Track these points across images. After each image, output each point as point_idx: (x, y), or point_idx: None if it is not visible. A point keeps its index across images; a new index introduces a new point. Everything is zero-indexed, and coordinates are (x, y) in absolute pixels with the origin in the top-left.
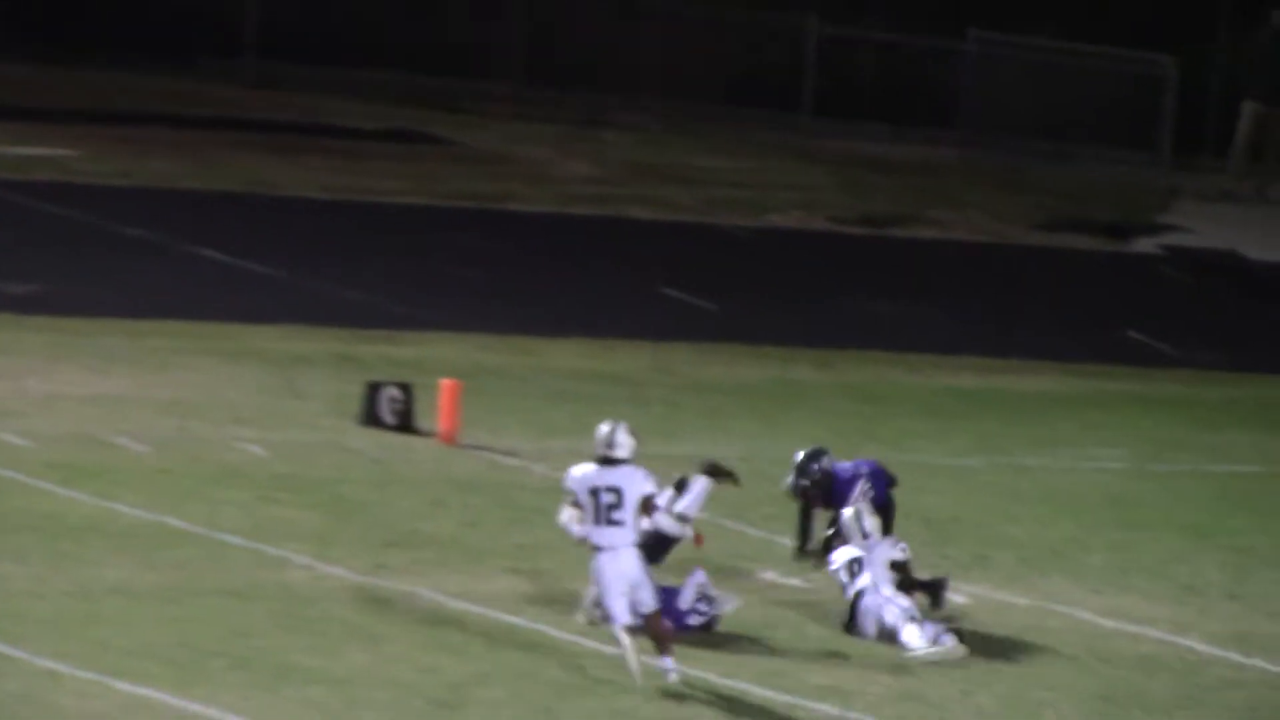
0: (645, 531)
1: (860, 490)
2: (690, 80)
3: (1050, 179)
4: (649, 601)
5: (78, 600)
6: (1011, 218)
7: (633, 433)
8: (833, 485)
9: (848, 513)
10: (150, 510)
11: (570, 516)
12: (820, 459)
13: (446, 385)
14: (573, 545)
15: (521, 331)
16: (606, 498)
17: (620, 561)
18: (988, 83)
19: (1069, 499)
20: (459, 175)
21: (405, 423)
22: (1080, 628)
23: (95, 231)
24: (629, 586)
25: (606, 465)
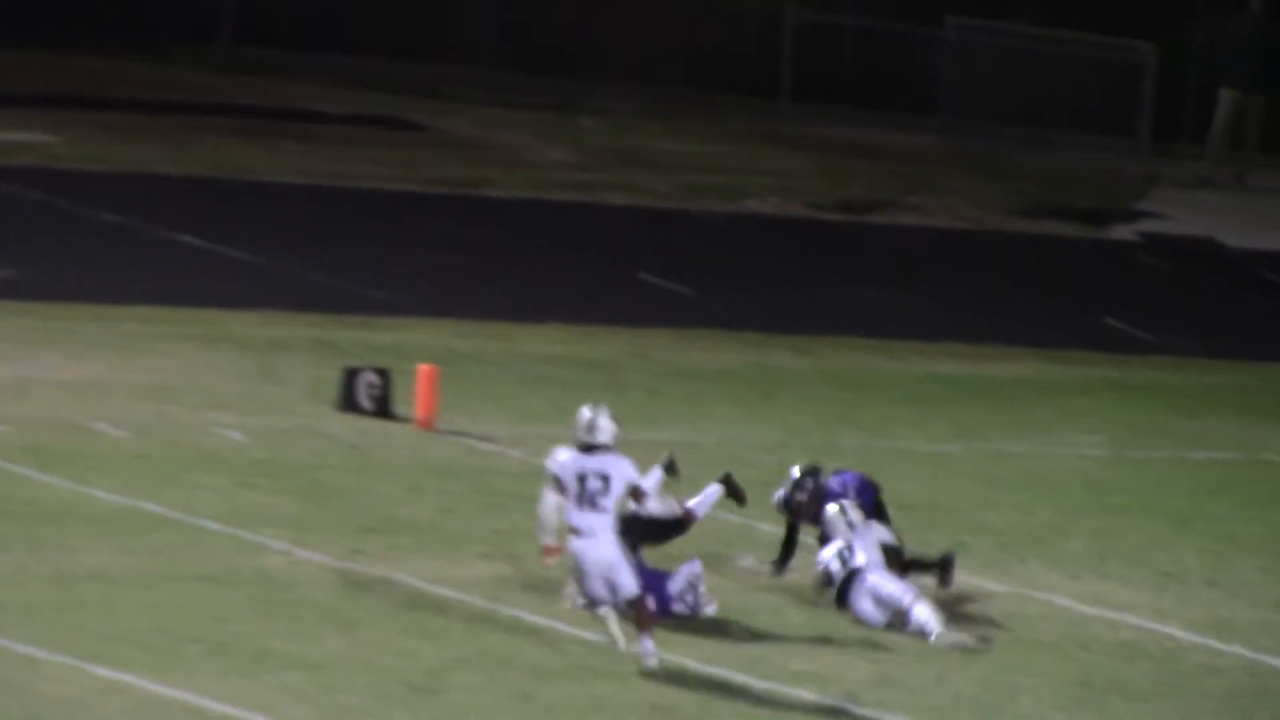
0: (649, 517)
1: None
2: (668, 66)
3: (1029, 165)
4: (629, 586)
5: (55, 586)
6: (990, 204)
7: (614, 418)
8: (823, 501)
9: (832, 508)
10: (128, 495)
11: (554, 503)
12: (816, 475)
13: (424, 371)
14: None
15: (499, 317)
16: (594, 484)
17: (599, 547)
18: (966, 69)
19: (1048, 485)
20: (436, 161)
21: (383, 408)
22: (1059, 614)
23: (71, 217)
24: (608, 571)
25: (588, 451)
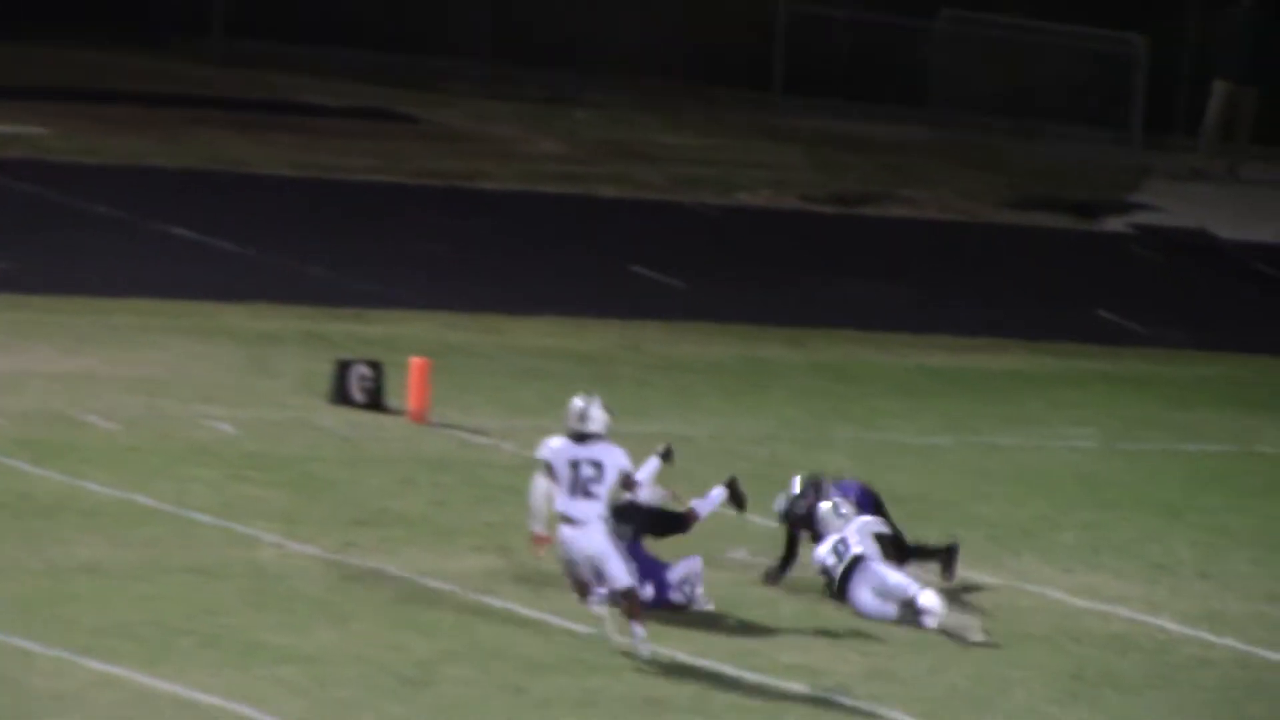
0: (650, 509)
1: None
2: (660, 59)
3: (1021, 158)
4: (618, 576)
5: (47, 579)
6: (982, 196)
7: (606, 408)
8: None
9: (825, 506)
10: (119, 488)
11: (543, 489)
12: (818, 487)
13: (416, 363)
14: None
15: (491, 310)
16: (587, 471)
17: (589, 535)
18: (958, 61)
19: (1039, 478)
20: (428, 153)
21: (374, 401)
22: (1051, 607)
23: (63, 209)
24: (596, 561)
25: (580, 439)
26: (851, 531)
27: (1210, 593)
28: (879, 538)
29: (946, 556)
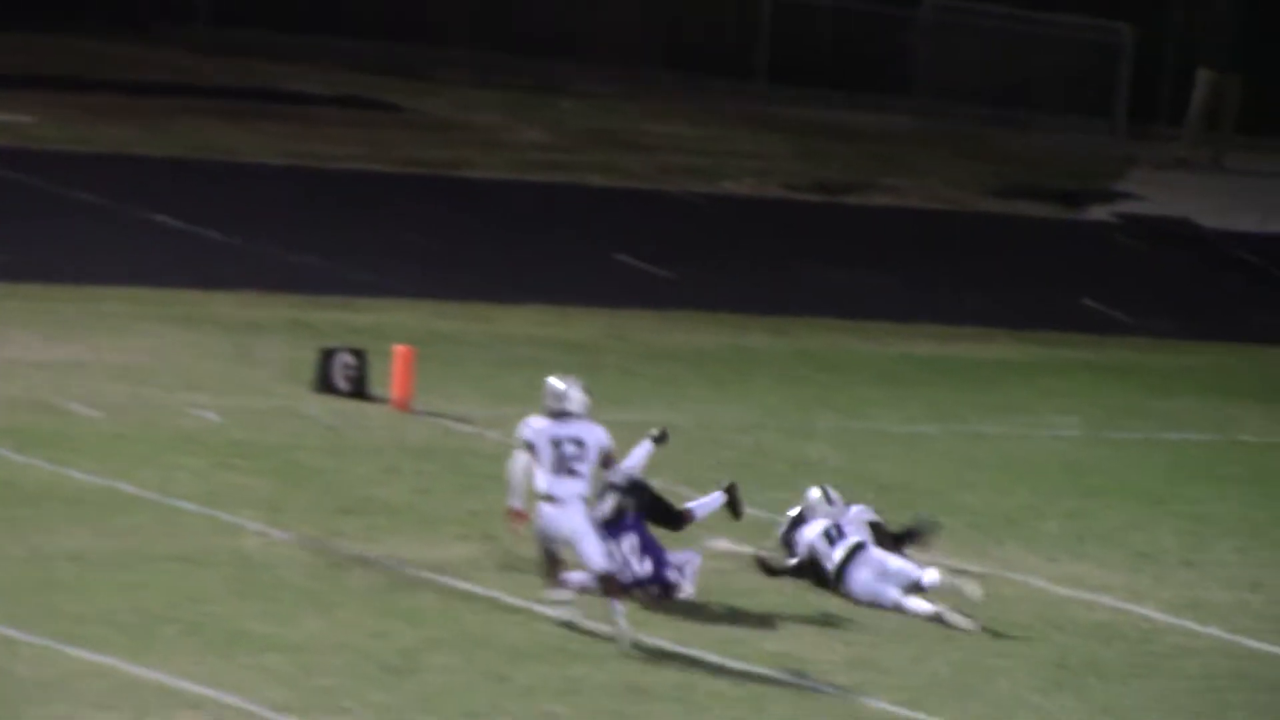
0: (657, 498)
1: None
2: (645, 47)
3: (1005, 146)
4: (594, 558)
5: (32, 566)
6: (967, 185)
7: (585, 389)
8: None
9: (814, 492)
10: (104, 476)
11: (523, 464)
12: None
13: (400, 351)
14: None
15: (476, 298)
16: (569, 448)
17: (569, 515)
18: (943, 50)
19: (1024, 466)
20: (414, 142)
21: (359, 389)
22: (1035, 595)
23: (49, 197)
24: (574, 539)
25: (560, 418)
26: (846, 519)
27: (1194, 581)
28: (872, 526)
29: (919, 532)
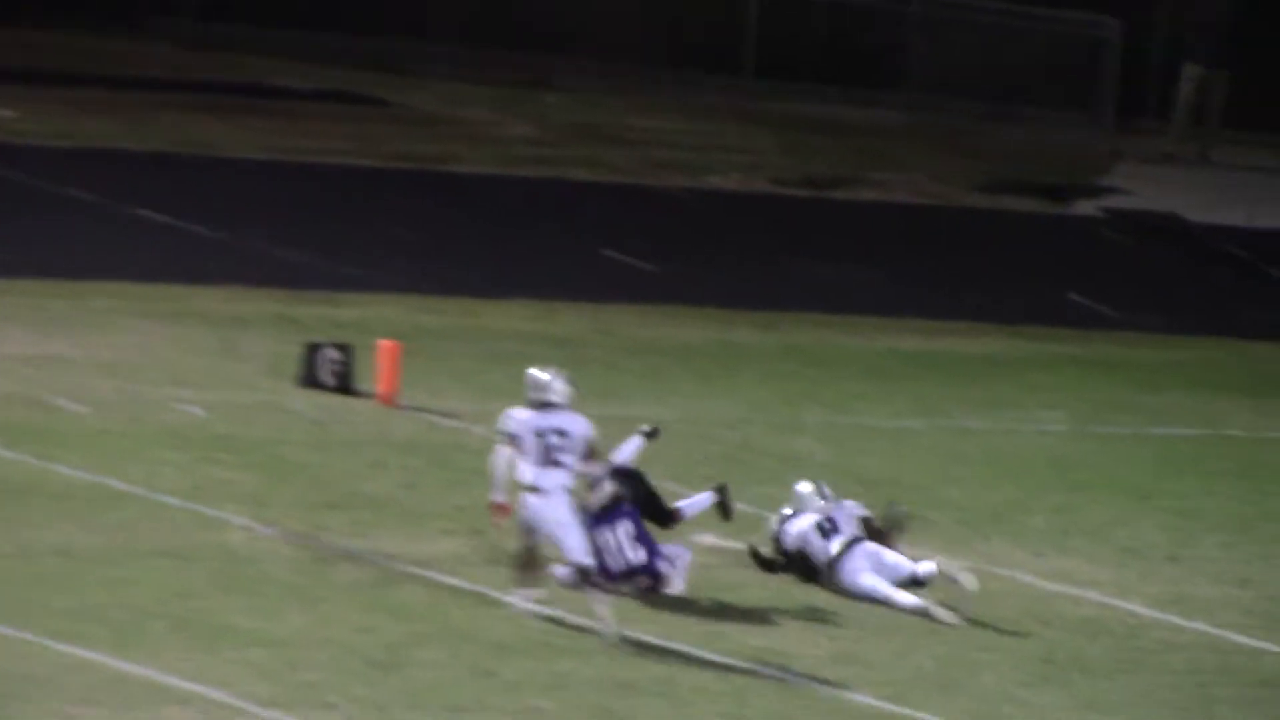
0: (652, 492)
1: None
2: (632, 41)
3: (993, 141)
4: (576, 550)
5: (18, 561)
6: (954, 180)
7: (568, 380)
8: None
9: (805, 486)
10: (90, 471)
11: (506, 458)
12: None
13: (385, 346)
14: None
15: (462, 293)
16: (553, 439)
17: (554, 505)
18: (930, 45)
19: (1010, 461)
20: (400, 136)
21: (344, 384)
22: (1021, 590)
23: (35, 192)
24: (557, 530)
25: (543, 408)
26: (839, 514)
27: (1180, 576)
28: (863, 521)
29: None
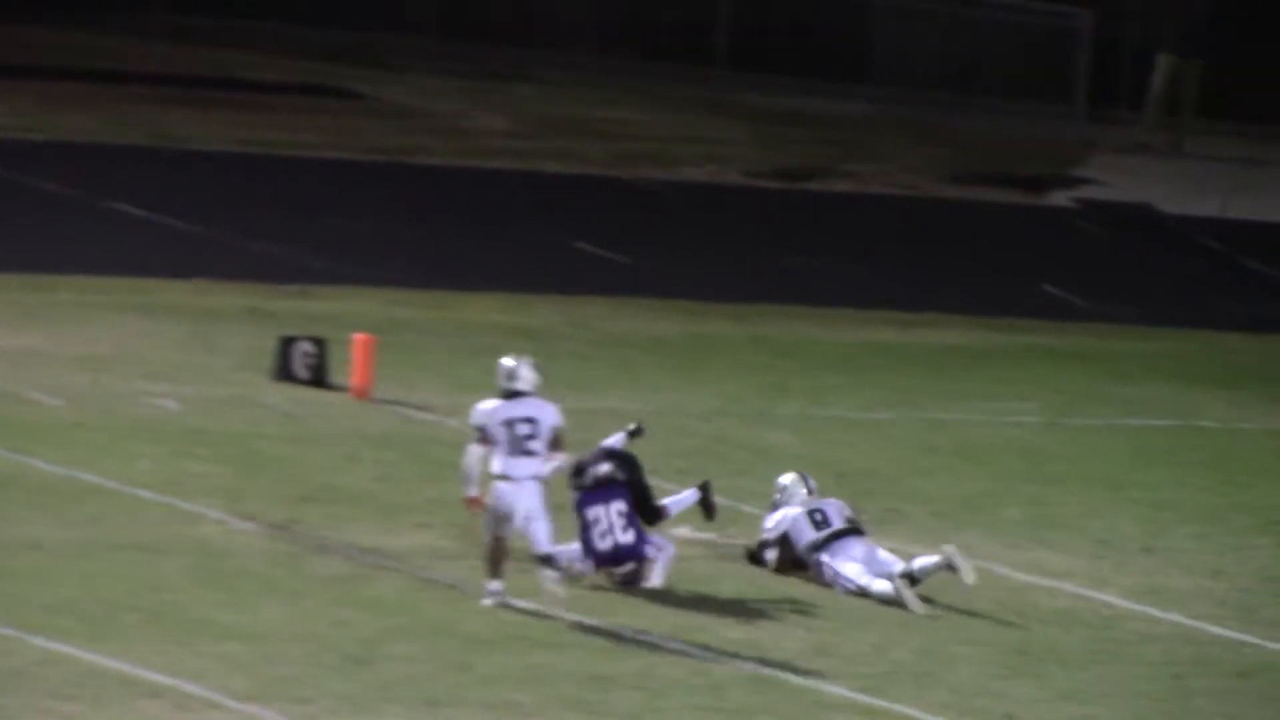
0: (645, 484)
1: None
2: (603, 34)
3: (965, 132)
4: (542, 540)
5: None
6: (926, 171)
7: (536, 367)
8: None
9: (790, 477)
10: (64, 465)
11: (478, 455)
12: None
13: (359, 340)
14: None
15: (435, 286)
16: (522, 428)
17: (526, 492)
18: (902, 35)
19: (984, 453)
20: (372, 129)
21: (318, 377)
22: (996, 582)
23: (8, 186)
24: (527, 518)
25: (511, 398)
26: (829, 507)
27: (1154, 568)
28: (849, 520)
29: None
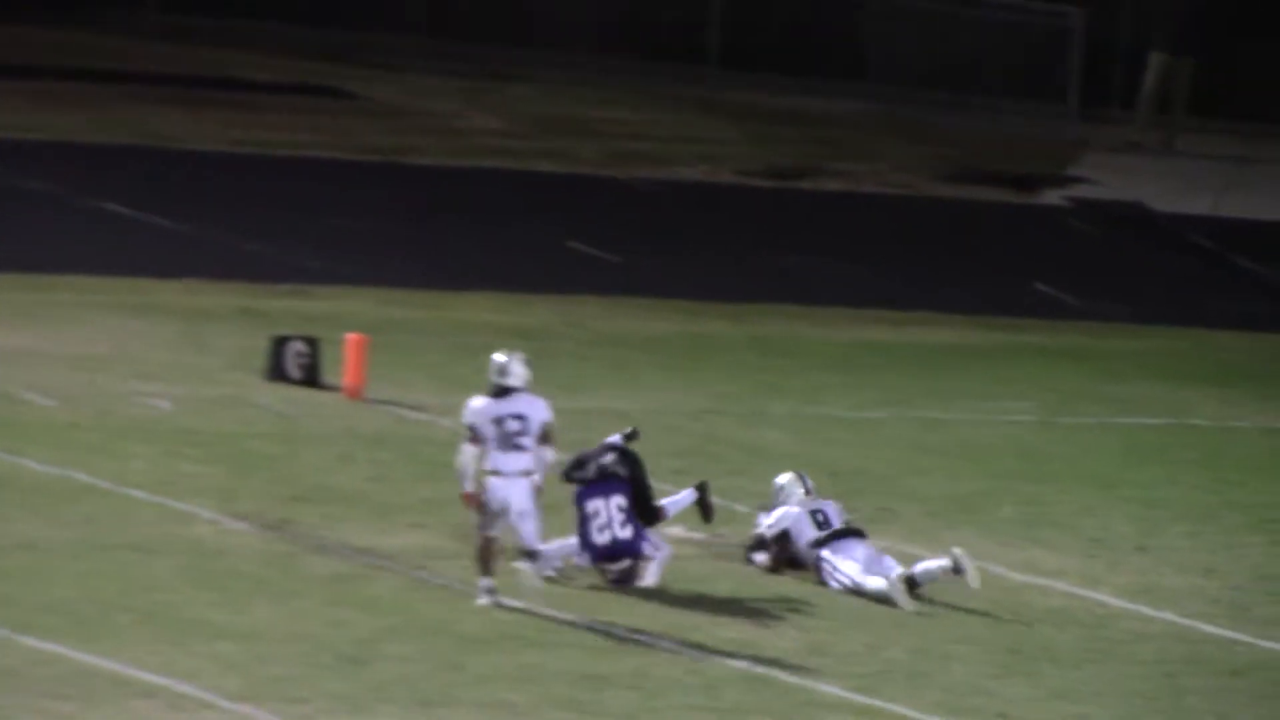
0: (647, 483)
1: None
2: (595, 33)
3: (958, 131)
4: (530, 537)
5: None
6: (919, 170)
7: (526, 362)
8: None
9: (788, 476)
10: (57, 465)
11: (471, 454)
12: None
13: (352, 340)
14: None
15: (428, 286)
16: (512, 425)
17: (517, 488)
18: (894, 35)
19: (977, 452)
20: (365, 129)
21: (311, 377)
22: (989, 581)
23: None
24: (518, 515)
25: (503, 395)
26: (829, 508)
27: (1147, 566)
28: (847, 522)
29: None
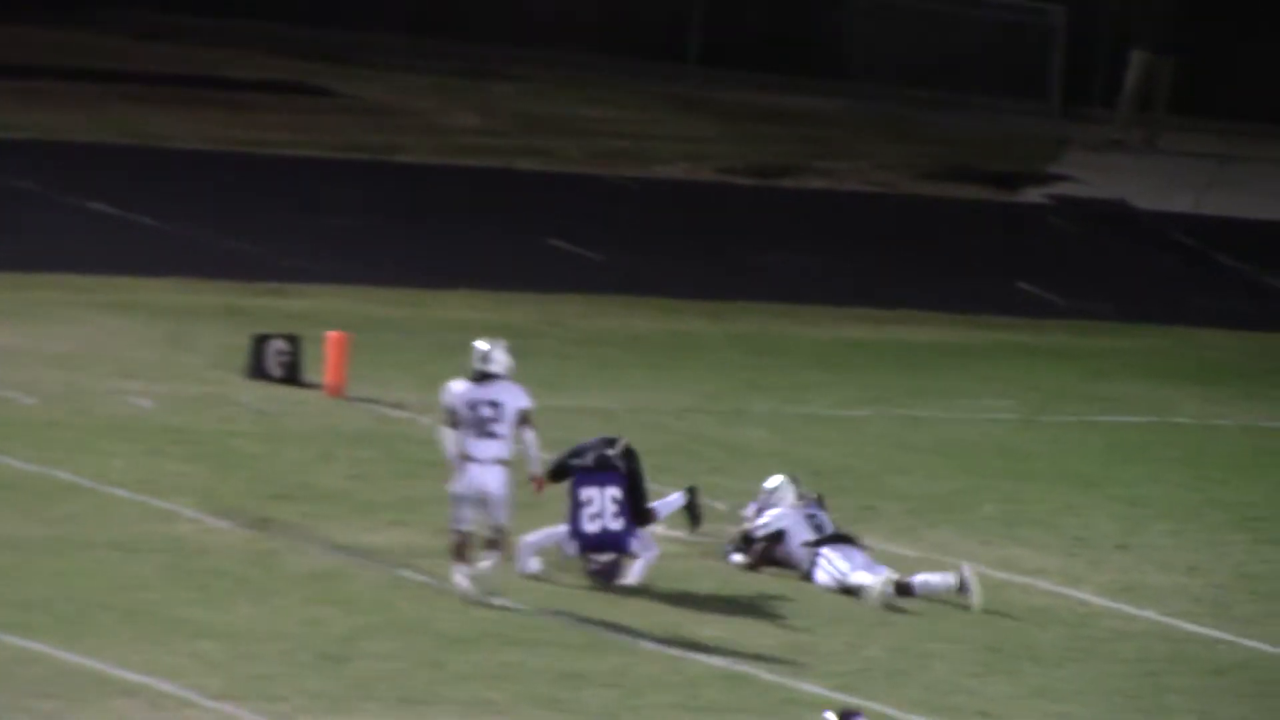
0: (642, 482)
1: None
2: (577, 31)
3: (940, 129)
4: (501, 519)
5: None
6: (901, 168)
7: (509, 351)
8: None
9: (779, 478)
10: (38, 463)
11: (451, 438)
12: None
13: (333, 338)
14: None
15: (409, 284)
16: (486, 411)
17: (492, 474)
18: (876, 32)
19: (959, 450)
20: (347, 127)
21: (292, 375)
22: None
23: None
24: (492, 500)
25: (483, 381)
26: (822, 516)
27: (1129, 565)
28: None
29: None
